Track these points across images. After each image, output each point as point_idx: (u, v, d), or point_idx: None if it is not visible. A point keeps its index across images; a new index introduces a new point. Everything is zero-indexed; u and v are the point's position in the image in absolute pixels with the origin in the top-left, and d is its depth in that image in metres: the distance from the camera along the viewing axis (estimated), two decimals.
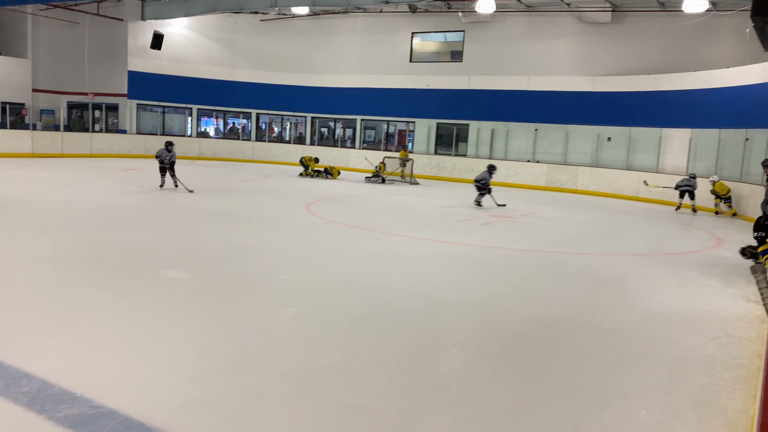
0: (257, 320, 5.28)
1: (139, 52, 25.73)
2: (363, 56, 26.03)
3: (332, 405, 3.70)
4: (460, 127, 24.35)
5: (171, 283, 6.41)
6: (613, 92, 20.87)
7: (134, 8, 25.39)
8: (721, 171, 17.74)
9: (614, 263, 8.83)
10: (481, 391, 4.06)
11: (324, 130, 28.59)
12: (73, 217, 9.92)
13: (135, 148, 25.25)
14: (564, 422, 3.63)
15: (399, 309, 5.85)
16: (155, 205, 11.95)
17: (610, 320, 5.86)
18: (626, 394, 4.12)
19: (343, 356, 4.53)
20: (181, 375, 3.99)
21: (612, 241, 11.08)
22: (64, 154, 22.85)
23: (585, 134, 21.63)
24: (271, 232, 9.84)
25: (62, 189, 13.62)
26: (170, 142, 14.40)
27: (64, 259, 7.06)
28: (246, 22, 27.41)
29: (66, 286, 5.96)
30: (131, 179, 16.76)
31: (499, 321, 5.67)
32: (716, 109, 17.87)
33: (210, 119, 28.76)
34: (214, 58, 27.51)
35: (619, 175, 20.32)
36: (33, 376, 3.80)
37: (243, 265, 7.33)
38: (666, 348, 5.08)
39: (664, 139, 19.87)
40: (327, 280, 6.87)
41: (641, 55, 20.49)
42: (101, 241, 8.13)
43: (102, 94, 25.76)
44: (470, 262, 8.37)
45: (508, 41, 23.19)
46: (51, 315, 5.07)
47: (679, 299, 6.80)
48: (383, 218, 12.20)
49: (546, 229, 11.90)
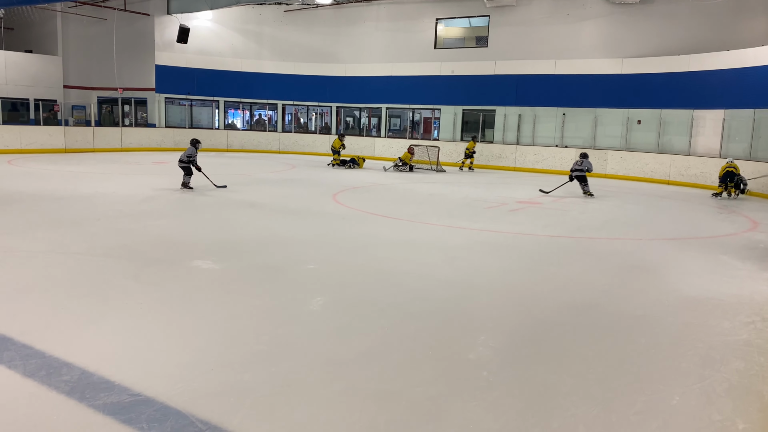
0: (287, 309, 5.35)
1: (165, 46, 26.03)
2: (387, 44, 25.92)
3: (363, 392, 3.74)
4: (486, 113, 24.15)
5: (203, 273, 6.52)
6: (642, 74, 20.44)
7: (160, 3, 25.67)
8: (756, 152, 17.31)
9: (646, 248, 8.71)
10: (511, 377, 4.06)
11: (349, 120, 28.61)
12: (106, 210, 10.13)
13: (164, 142, 25.63)
14: (596, 408, 3.61)
15: (428, 296, 5.87)
16: (185, 197, 12.13)
17: (643, 306, 5.79)
18: (659, 379, 4.07)
19: (372, 343, 4.56)
20: (215, 363, 4.06)
21: (643, 226, 10.91)
22: (95, 149, 23.31)
23: (614, 117, 21.27)
24: (299, 222, 9.91)
25: (95, 183, 13.90)
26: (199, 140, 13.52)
27: (99, 251, 7.22)
28: (270, 13, 27.50)
29: (102, 278, 6.10)
30: (162, 172, 17.03)
31: (530, 307, 5.65)
32: (750, 89, 17.40)
33: (237, 111, 29.00)
34: (240, 50, 27.68)
35: (649, 159, 19.96)
36: (73, 365, 3.91)
37: (272, 255, 7.41)
38: (700, 333, 5.01)
39: (696, 120, 19.43)
40: (355, 268, 6.91)
41: (671, 35, 20.02)
42: (134, 234, 8.29)
43: (131, 89, 26.16)
44: (499, 248, 8.33)
45: (533, 25, 22.85)
46: (88, 306, 5.20)
47: (714, 284, 6.69)
48: (410, 207, 12.19)
49: (575, 214, 11.77)
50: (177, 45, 25.81)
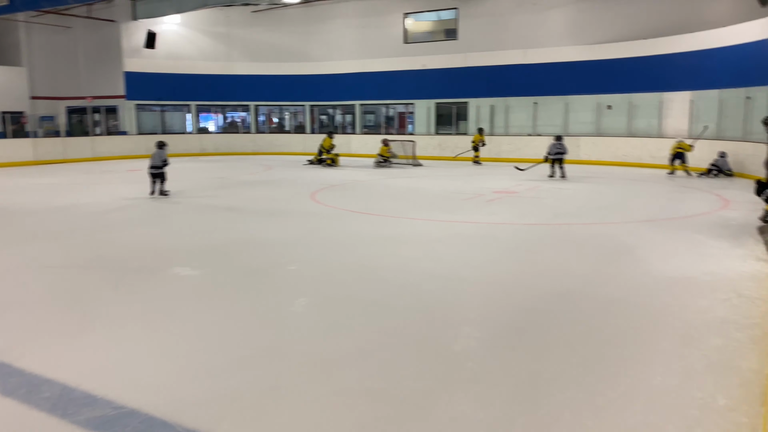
0: (271, 312, 5.33)
1: (133, 52, 25.67)
2: (358, 41, 25.87)
3: (351, 391, 3.74)
4: (459, 105, 24.25)
5: (183, 280, 6.46)
6: (611, 59, 20.68)
7: (125, 8, 25.28)
8: (723, 131, 17.64)
9: (622, 231, 8.82)
10: (497, 367, 4.09)
11: (324, 118, 28.52)
12: (81, 221, 9.98)
13: (137, 149, 25.26)
14: (581, 393, 3.66)
15: (411, 291, 5.89)
16: (162, 204, 12.00)
17: (622, 288, 5.88)
18: (641, 360, 4.14)
19: (358, 342, 4.57)
20: (199, 371, 4.03)
21: (619, 210, 11.06)
22: (66, 160, 22.92)
23: (585, 104, 21.50)
24: (278, 223, 9.87)
25: (68, 194, 13.68)
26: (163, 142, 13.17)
27: (76, 263, 7.12)
28: (238, 14, 27.26)
29: (80, 290, 6.02)
30: (136, 180, 16.80)
31: (511, 296, 5.70)
32: (716, 70, 17.71)
33: (209, 114, 28.72)
34: (209, 53, 27.41)
35: (621, 143, 20.23)
36: (53, 381, 3.85)
37: (253, 258, 7.37)
38: (679, 312, 5.10)
39: (665, 103, 19.73)
40: (337, 267, 6.91)
41: (638, 20, 20.26)
42: (111, 244, 8.18)
43: (100, 97, 25.77)
44: (478, 239, 8.39)
45: (502, 15, 22.97)
46: (67, 320, 5.12)
47: (690, 263, 6.81)
48: (389, 202, 12.21)
49: (551, 202, 11.89)
50: (145, 51, 25.43)
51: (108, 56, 25.55)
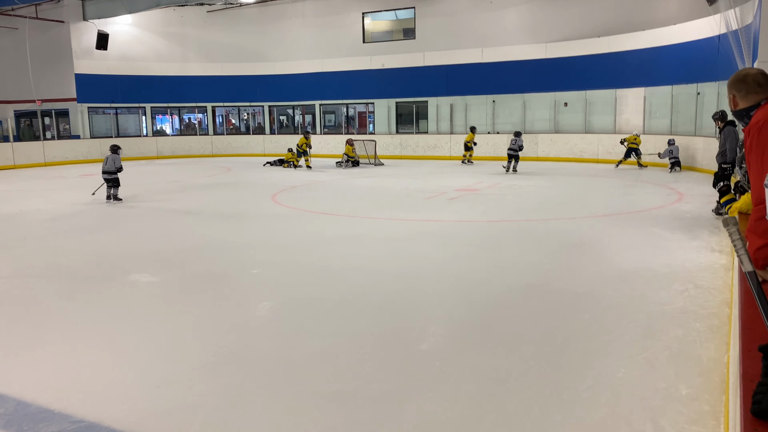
0: (234, 316, 5.23)
1: (84, 53, 24.96)
2: (316, 40, 25.71)
3: (318, 394, 3.69)
4: (419, 104, 24.34)
5: (142, 287, 6.29)
6: (566, 57, 21.03)
7: (75, 8, 24.58)
8: (676, 126, 18.13)
9: (582, 226, 8.97)
10: (463, 364, 4.09)
11: (283, 118, 28.27)
12: (33, 229, 9.64)
13: (90, 153, 24.61)
14: (547, 388, 3.69)
15: (375, 290, 5.86)
16: (118, 209, 11.69)
17: (584, 282, 5.96)
18: (605, 353, 4.20)
19: (324, 344, 4.51)
20: (161, 380, 3.92)
21: (577, 205, 11.24)
22: (16, 165, 22.15)
23: (542, 101, 21.82)
24: (239, 225, 9.72)
25: (19, 201, 13.20)
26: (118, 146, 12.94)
27: (29, 273, 6.87)
28: (192, 14, 26.79)
29: (34, 301, 5.80)
30: (90, 185, 16.34)
31: (475, 293, 5.72)
32: (667, 66, 18.19)
33: (165, 117, 28.15)
34: (164, 53, 26.86)
35: (578, 140, 20.61)
36: (7, 396, 3.69)
37: (214, 262, 7.23)
38: (639, 305, 5.19)
39: (620, 99, 20.18)
40: (300, 269, 6.83)
41: (591, 18, 20.66)
42: (66, 251, 7.92)
43: (50, 100, 24.97)
44: (441, 237, 8.41)
45: (458, 14, 23.14)
46: (20, 332, 4.93)
47: (648, 255, 6.95)
48: (351, 202, 12.16)
49: (512, 198, 12.02)
50: (96, 52, 24.74)
51: (58, 58, 24.77)
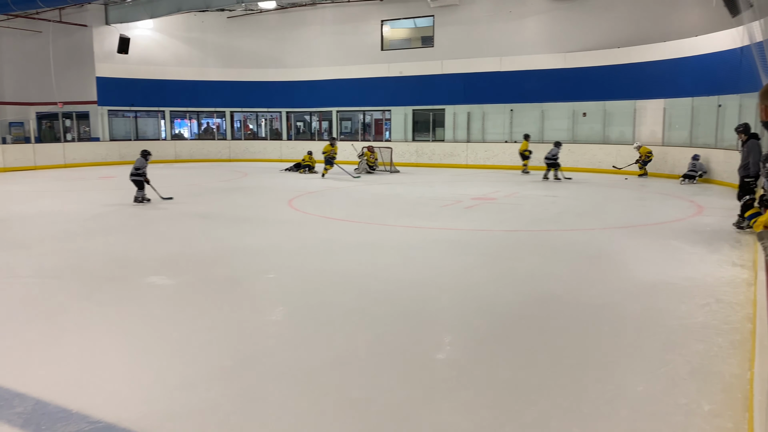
0: (249, 321, 5.23)
1: (106, 57, 25.28)
2: (334, 47, 25.83)
3: (333, 401, 3.67)
4: (436, 112, 24.32)
5: (158, 290, 6.32)
6: (585, 68, 20.95)
7: (98, 13, 24.92)
8: (696, 138, 17.95)
9: (600, 237, 8.89)
10: (481, 375, 4.05)
11: (300, 124, 28.38)
12: (52, 230, 9.74)
13: (109, 155, 24.89)
14: (566, 400, 3.64)
15: (391, 298, 5.83)
16: (135, 211, 11.78)
17: (602, 294, 5.89)
18: (625, 367, 4.14)
19: (339, 351, 4.49)
20: (177, 383, 3.93)
21: (595, 216, 11.15)
22: (37, 167, 22.45)
23: (560, 111, 21.73)
24: (255, 230, 9.74)
25: (39, 202, 13.36)
26: (149, 151, 13.22)
27: (48, 273, 6.93)
28: (213, 20, 27.06)
29: (53, 301, 5.84)
30: (109, 187, 16.53)
31: (492, 303, 5.67)
32: (688, 78, 18.04)
33: (183, 121, 28.40)
34: (184, 58, 27.13)
35: (596, 150, 20.46)
36: (26, 395, 3.71)
37: (230, 266, 7.25)
38: (659, 318, 5.12)
39: (639, 110, 20.03)
40: (316, 274, 6.82)
41: (612, 29, 20.58)
42: (84, 253, 7.99)
43: (71, 103, 25.30)
44: (458, 246, 8.37)
45: (477, 23, 23.15)
46: (40, 332, 4.96)
47: (668, 269, 6.86)
48: (367, 209, 12.15)
49: (529, 208, 11.95)
50: (118, 56, 25.08)
51: (79, 61, 25.11)
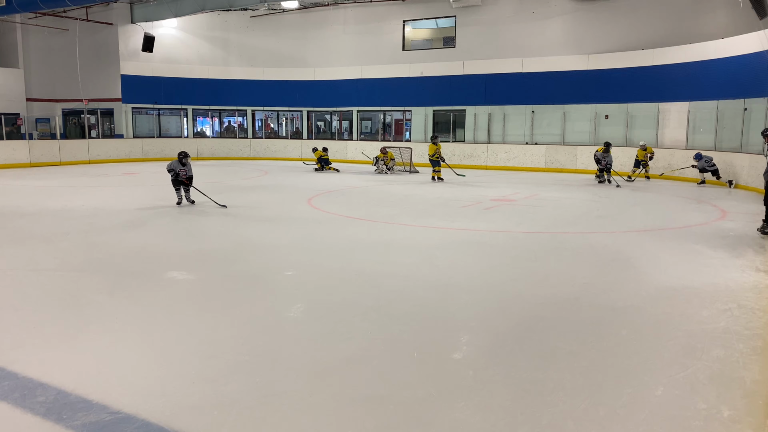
0: (268, 317, 5.27)
1: (130, 55, 25.61)
2: (355, 47, 25.90)
3: (350, 398, 3.69)
4: (456, 113, 24.27)
5: (179, 284, 6.40)
6: (608, 69, 20.75)
7: (123, 11, 25.26)
8: (720, 142, 17.70)
9: (621, 240, 8.80)
10: (497, 375, 4.04)
11: (320, 124, 28.50)
12: (76, 224, 9.90)
13: (133, 152, 25.23)
14: (583, 402, 3.61)
15: (409, 297, 5.84)
16: (157, 207, 11.92)
17: (622, 298, 5.84)
18: (643, 371, 4.10)
19: (356, 348, 4.51)
20: (196, 376, 3.97)
21: (616, 219, 11.04)
22: (62, 162, 22.82)
23: (582, 113, 21.55)
24: (274, 228, 9.81)
25: (63, 197, 13.58)
26: (185, 153, 12.27)
27: (71, 266, 7.05)
28: (236, 19, 27.28)
29: (75, 294, 5.94)
30: (131, 183, 16.75)
31: (511, 304, 5.65)
32: (713, 81, 17.78)
33: (206, 119, 28.66)
34: (207, 57, 27.39)
35: (618, 152, 20.20)
36: (48, 385, 3.78)
37: (249, 263, 7.31)
38: (680, 323, 5.06)
39: (662, 113, 19.79)
40: (334, 272, 6.85)
41: (635, 31, 20.37)
42: (106, 247, 8.11)
43: (96, 100, 25.68)
44: (476, 247, 8.35)
45: (500, 24, 23.05)
46: (62, 323, 5.05)
47: (689, 273, 6.78)
48: (386, 208, 12.16)
49: (549, 210, 11.87)
50: (142, 54, 25.39)
51: (105, 59, 25.48)
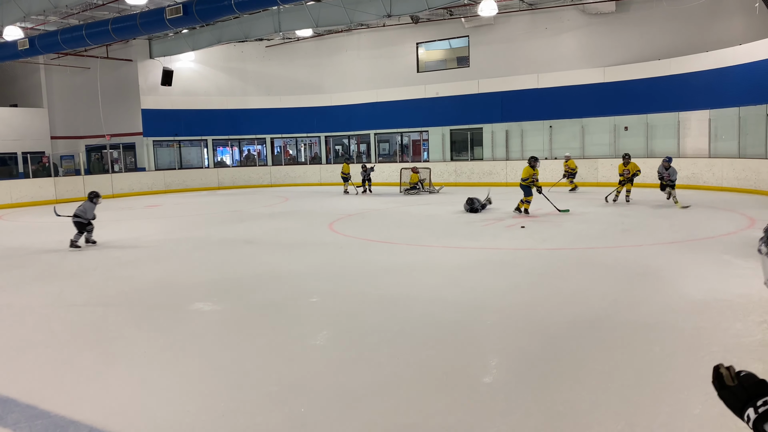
0: (294, 346, 5.25)
1: (150, 89, 26.11)
2: (370, 71, 26.13)
3: (380, 427, 3.65)
4: (473, 131, 24.27)
5: (204, 316, 6.42)
6: (625, 81, 20.65)
7: (142, 47, 25.82)
8: (744, 149, 17.44)
9: (648, 254, 8.67)
10: (529, 398, 3.97)
11: (338, 148, 28.69)
12: (103, 258, 10.02)
13: (155, 185, 25.57)
14: (619, 423, 3.53)
15: (435, 321, 5.78)
16: (181, 238, 12.04)
17: (653, 313, 5.72)
18: (679, 388, 4.00)
19: (384, 375, 4.47)
20: (225, 409, 3.96)
21: (642, 232, 10.88)
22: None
23: (601, 126, 21.42)
24: (297, 254, 9.83)
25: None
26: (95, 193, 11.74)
27: (98, 301, 7.12)
28: (252, 49, 27.71)
29: (103, 329, 5.99)
30: (154, 215, 16.95)
31: (539, 324, 5.57)
32: (734, 87, 17.58)
33: (225, 148, 29.02)
34: (225, 88, 27.81)
35: (640, 164, 19.95)
36: (80, 423, 3.80)
37: (273, 291, 7.32)
38: (714, 336, 4.95)
39: (683, 122, 19.58)
40: (359, 297, 6.83)
41: (650, 41, 20.28)
42: (133, 280, 8.18)
43: (118, 135, 26.17)
44: (501, 266, 8.27)
45: (513, 41, 23.12)
46: (92, 359, 5.09)
47: (720, 285, 6.64)
48: (408, 230, 12.14)
49: (572, 225, 11.75)
50: (161, 88, 25.89)
51: (125, 94, 26.01)
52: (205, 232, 12.82)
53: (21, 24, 20.26)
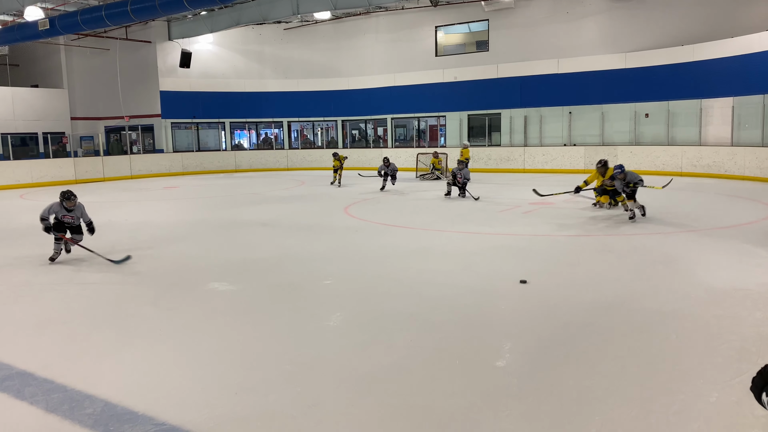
0: (308, 326, 5.27)
1: (169, 71, 26.18)
2: (388, 55, 25.95)
3: (393, 408, 3.65)
4: (491, 117, 24.06)
5: (220, 295, 6.46)
6: (647, 67, 20.29)
7: (161, 29, 25.86)
8: None
9: (666, 241, 8.56)
10: (543, 383, 3.94)
11: (355, 132, 28.61)
12: (119, 238, 10.11)
13: (173, 167, 25.72)
14: (634, 410, 3.50)
15: (449, 305, 5.77)
16: (198, 219, 12.11)
17: (670, 301, 5.66)
18: (696, 376, 3.95)
19: (398, 357, 4.47)
20: (239, 387, 3.98)
21: (660, 219, 10.73)
22: (105, 178, 23.42)
23: (621, 113, 21.11)
24: (312, 237, 9.85)
25: (107, 212, 13.90)
26: (69, 194, 8.30)
27: (115, 280, 7.19)
28: (270, 32, 27.64)
29: (120, 307, 6.05)
30: (172, 197, 17.07)
31: (554, 310, 5.53)
32: (759, 74, 17.20)
33: (243, 131, 29.07)
34: (242, 70, 27.81)
35: (660, 152, 19.78)
36: (95, 397, 3.84)
37: (288, 273, 7.34)
38: (732, 326, 4.88)
39: (705, 110, 19.24)
40: (373, 281, 6.83)
41: (673, 26, 19.89)
42: (149, 260, 8.25)
43: (137, 116, 26.31)
44: (516, 251, 8.22)
45: (533, 26, 22.80)
46: (108, 336, 5.14)
47: (740, 273, 6.54)
48: (423, 215, 12.10)
49: (589, 212, 11.63)
50: (180, 70, 25.94)
51: (144, 76, 26.11)
52: (221, 213, 12.88)
53: (41, 4, 20.36)
